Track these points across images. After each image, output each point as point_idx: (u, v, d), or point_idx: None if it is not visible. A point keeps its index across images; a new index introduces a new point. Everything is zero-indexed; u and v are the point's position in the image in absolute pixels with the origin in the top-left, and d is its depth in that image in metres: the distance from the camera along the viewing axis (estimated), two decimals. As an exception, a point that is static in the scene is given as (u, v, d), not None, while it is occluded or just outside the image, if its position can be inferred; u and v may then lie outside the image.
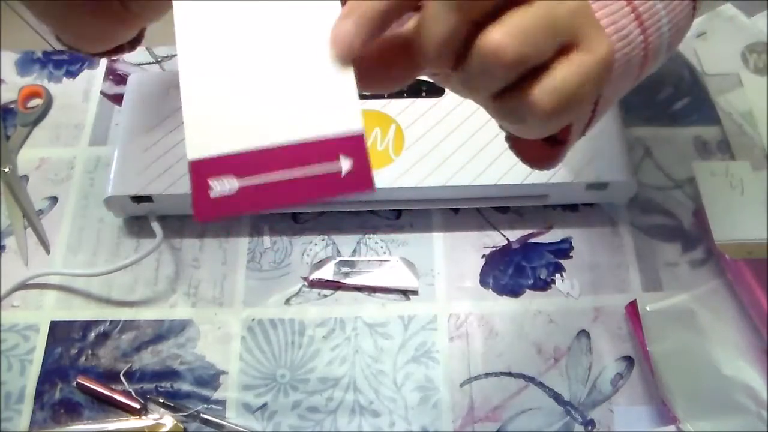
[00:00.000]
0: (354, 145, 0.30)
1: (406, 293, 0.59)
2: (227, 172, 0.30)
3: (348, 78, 0.30)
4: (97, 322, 0.58)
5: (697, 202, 0.62)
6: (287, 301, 0.58)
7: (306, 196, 0.30)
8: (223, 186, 0.30)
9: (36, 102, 0.69)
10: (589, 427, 0.53)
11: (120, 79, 0.70)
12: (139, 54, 0.72)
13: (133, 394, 0.54)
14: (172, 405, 0.54)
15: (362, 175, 0.30)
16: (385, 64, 0.32)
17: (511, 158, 0.58)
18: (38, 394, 0.55)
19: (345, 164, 0.30)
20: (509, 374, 0.55)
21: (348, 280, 0.59)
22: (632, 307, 0.56)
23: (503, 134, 0.62)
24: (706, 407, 0.52)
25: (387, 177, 0.57)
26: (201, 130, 0.30)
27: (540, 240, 0.61)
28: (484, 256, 0.60)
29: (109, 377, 0.55)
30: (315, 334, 0.57)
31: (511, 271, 0.60)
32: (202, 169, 0.29)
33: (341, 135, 0.30)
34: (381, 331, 0.57)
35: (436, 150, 0.59)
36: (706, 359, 0.54)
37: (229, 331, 0.57)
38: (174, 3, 0.30)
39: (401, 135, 0.59)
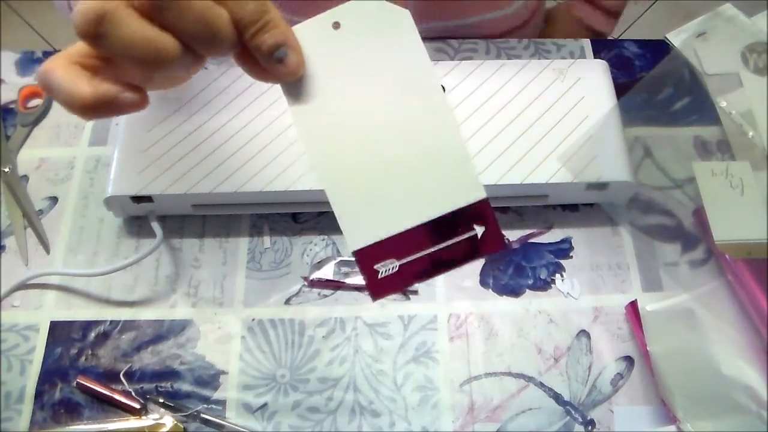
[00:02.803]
0: (482, 211, 0.35)
1: (406, 293, 0.59)
2: (387, 255, 0.35)
3: (463, 152, 0.34)
4: (97, 322, 0.58)
5: (697, 202, 0.62)
6: (287, 301, 0.58)
7: (453, 263, 0.36)
8: (387, 267, 0.35)
9: (36, 102, 0.69)
10: (589, 427, 0.53)
11: (120, 79, 0.70)
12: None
13: (133, 394, 0.54)
14: (172, 405, 0.54)
15: (495, 236, 0.35)
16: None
17: (511, 158, 0.58)
18: (38, 394, 0.55)
19: (479, 229, 0.35)
20: (509, 374, 0.55)
21: (348, 280, 0.59)
22: (632, 307, 0.56)
23: (503, 134, 0.62)
24: (706, 407, 0.52)
25: (387, 177, 0.57)
26: (354, 222, 0.34)
27: (540, 240, 0.61)
28: None
29: (109, 377, 0.55)
30: (315, 334, 0.57)
31: (511, 271, 0.60)
32: (366, 257, 0.34)
33: (470, 203, 0.35)
34: (381, 331, 0.57)
35: (436, 150, 0.59)
36: (706, 359, 0.54)
37: (229, 331, 0.57)
38: (292, 111, 0.34)
39: (401, 135, 0.59)
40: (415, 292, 0.59)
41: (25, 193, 0.64)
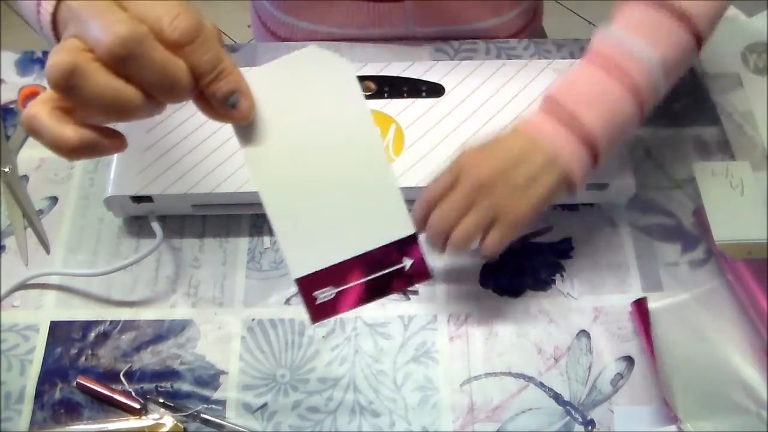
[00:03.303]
0: (410, 244, 0.39)
1: (406, 293, 0.59)
2: (325, 283, 0.38)
3: (395, 192, 0.38)
4: (97, 322, 0.58)
5: (697, 202, 0.62)
6: (287, 301, 0.58)
7: (384, 291, 0.39)
8: (324, 294, 0.38)
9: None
10: (589, 427, 0.53)
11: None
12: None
13: (133, 394, 0.54)
14: (172, 405, 0.54)
15: (421, 267, 0.39)
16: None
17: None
18: (38, 394, 0.55)
19: (408, 261, 0.39)
20: (509, 374, 0.55)
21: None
22: (637, 306, 0.56)
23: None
24: (707, 407, 0.52)
25: (387, 177, 0.58)
26: (296, 253, 0.38)
27: (540, 240, 0.61)
28: (484, 256, 0.60)
29: (109, 377, 0.55)
30: (315, 334, 0.57)
31: (511, 271, 0.60)
32: (307, 284, 0.38)
33: (401, 238, 0.39)
34: (381, 331, 0.57)
35: (436, 150, 0.59)
36: (706, 359, 0.54)
37: (229, 331, 0.57)
38: (242, 150, 0.37)
39: (401, 135, 0.59)
40: (416, 292, 0.59)
41: (25, 193, 0.64)
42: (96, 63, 0.32)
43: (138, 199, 0.58)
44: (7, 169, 0.65)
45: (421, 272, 0.39)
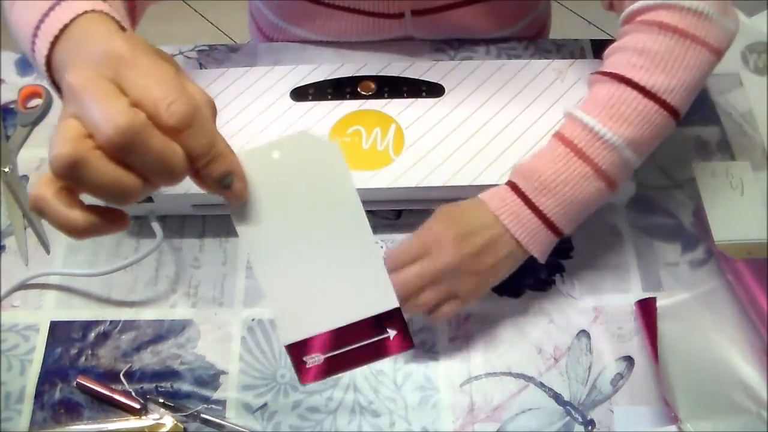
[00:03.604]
0: (394, 316, 0.42)
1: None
2: (314, 350, 0.41)
3: (380, 268, 0.41)
4: (97, 322, 0.58)
5: (697, 202, 0.62)
6: (287, 301, 0.58)
7: (368, 359, 0.42)
8: (313, 360, 0.41)
9: (36, 102, 0.69)
10: (589, 427, 0.53)
11: (120, 79, 0.70)
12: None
13: (133, 394, 0.54)
14: (172, 405, 0.54)
15: (404, 338, 0.42)
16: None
17: (511, 158, 0.58)
18: (38, 394, 0.55)
19: (391, 332, 0.42)
20: (509, 374, 0.55)
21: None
22: (641, 306, 0.56)
23: (503, 134, 0.62)
24: (707, 407, 0.52)
25: (387, 177, 0.57)
26: (287, 321, 0.41)
27: (540, 240, 0.61)
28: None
29: (109, 377, 0.55)
30: (315, 334, 0.57)
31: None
32: (296, 349, 0.41)
33: (385, 311, 0.42)
34: (381, 331, 0.57)
35: (436, 150, 0.59)
36: (706, 359, 0.54)
37: (229, 331, 0.57)
38: (236, 226, 0.40)
39: (401, 135, 0.59)
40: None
41: (25, 193, 0.64)
42: (97, 152, 0.33)
43: (138, 199, 0.58)
44: (7, 169, 0.65)
45: (403, 343, 0.42)
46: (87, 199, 0.35)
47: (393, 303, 0.42)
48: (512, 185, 0.52)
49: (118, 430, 0.53)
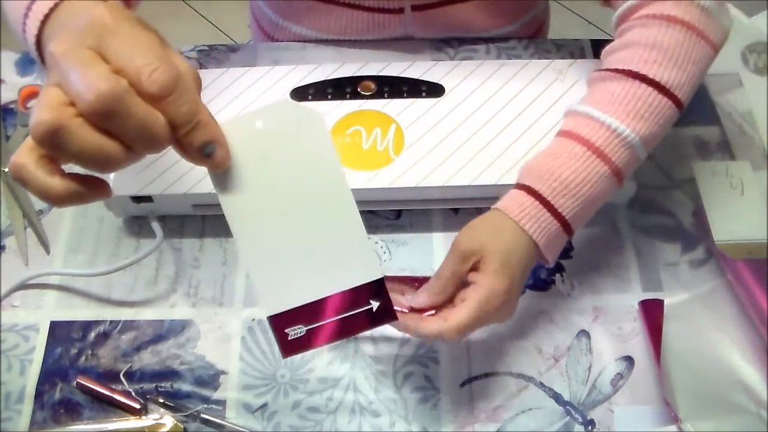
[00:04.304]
0: (378, 288, 0.41)
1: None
2: (297, 321, 0.41)
3: (364, 239, 0.41)
4: (97, 322, 0.58)
5: (697, 202, 0.62)
6: (287, 301, 0.58)
7: (351, 331, 0.42)
8: (295, 332, 0.41)
9: (36, 102, 0.69)
10: (589, 427, 0.53)
11: (120, 79, 0.70)
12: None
13: (133, 394, 0.54)
14: (172, 405, 0.54)
15: (387, 309, 0.42)
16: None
17: (511, 158, 0.58)
18: (38, 394, 0.55)
19: (374, 304, 0.41)
20: (509, 374, 0.55)
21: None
22: (644, 306, 0.56)
23: (503, 134, 0.62)
24: (707, 407, 0.52)
25: (387, 177, 0.57)
26: (269, 292, 0.40)
27: (540, 240, 0.61)
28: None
29: (109, 377, 0.55)
30: (315, 334, 0.57)
31: (511, 271, 0.60)
32: (279, 322, 0.41)
33: (368, 282, 0.41)
34: (381, 331, 0.57)
35: (436, 150, 0.59)
36: (706, 359, 0.54)
37: (229, 331, 0.57)
38: (219, 196, 0.39)
39: (401, 135, 0.59)
40: (415, 292, 0.59)
41: (25, 193, 0.63)
42: (78, 119, 0.33)
43: (138, 199, 0.58)
44: (7, 169, 0.65)
45: (387, 314, 0.42)
46: (72, 169, 0.35)
47: (376, 274, 0.41)
48: (527, 188, 0.49)
49: (118, 430, 0.53)
